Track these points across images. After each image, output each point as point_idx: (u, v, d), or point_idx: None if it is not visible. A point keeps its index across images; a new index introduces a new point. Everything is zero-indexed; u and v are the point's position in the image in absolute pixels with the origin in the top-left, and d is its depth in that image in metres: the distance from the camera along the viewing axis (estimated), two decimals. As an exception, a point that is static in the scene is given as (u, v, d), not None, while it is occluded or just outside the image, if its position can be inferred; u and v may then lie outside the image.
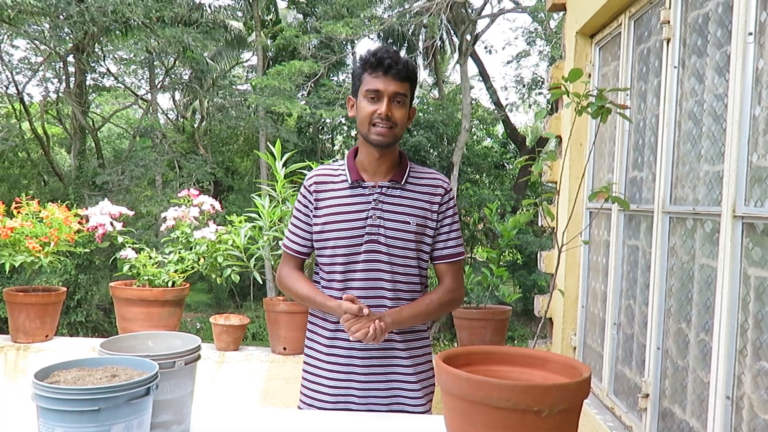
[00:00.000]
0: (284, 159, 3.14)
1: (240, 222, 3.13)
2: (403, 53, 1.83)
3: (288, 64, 12.46)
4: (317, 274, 1.87)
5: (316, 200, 1.83)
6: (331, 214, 1.80)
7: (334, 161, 2.13)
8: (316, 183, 1.84)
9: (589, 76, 3.06)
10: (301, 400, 1.87)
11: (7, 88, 13.65)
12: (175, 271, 3.05)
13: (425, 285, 1.88)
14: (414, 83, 1.80)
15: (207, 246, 3.04)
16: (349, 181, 1.81)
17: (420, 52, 16.36)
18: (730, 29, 1.82)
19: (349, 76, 17.91)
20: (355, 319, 1.68)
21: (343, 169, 1.84)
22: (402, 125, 1.77)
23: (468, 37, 15.38)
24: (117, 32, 13.27)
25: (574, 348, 3.14)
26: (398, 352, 1.80)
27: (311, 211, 1.84)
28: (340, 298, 1.76)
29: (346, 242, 1.76)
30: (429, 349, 1.89)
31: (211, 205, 3.27)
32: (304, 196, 1.86)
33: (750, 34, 1.73)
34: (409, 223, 1.78)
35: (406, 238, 1.78)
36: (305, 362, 1.89)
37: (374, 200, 1.78)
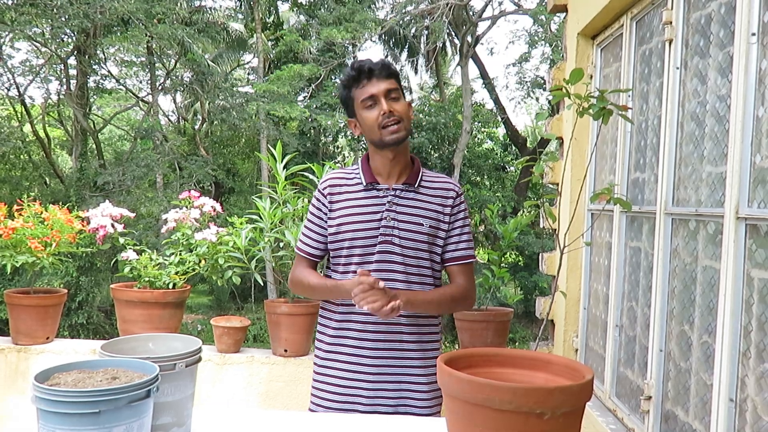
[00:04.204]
0: (285, 161, 3.14)
1: (241, 223, 3.13)
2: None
3: (288, 68, 12.47)
4: (329, 277, 1.87)
5: (331, 203, 1.85)
6: (346, 216, 1.82)
7: (335, 163, 2.16)
8: (330, 186, 1.87)
9: (591, 77, 3.05)
10: (311, 401, 1.88)
11: (8, 90, 13.68)
12: (176, 273, 3.04)
13: (439, 288, 1.88)
14: (398, 78, 1.84)
15: (208, 248, 3.03)
16: (364, 184, 1.83)
17: (422, 55, 16.38)
18: (733, 30, 1.82)
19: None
20: (370, 291, 1.63)
21: (357, 173, 1.86)
22: (407, 118, 1.81)
23: (469, 39, 15.40)
24: (117, 33, 13.29)
25: (576, 350, 3.13)
26: (410, 353, 1.81)
27: (325, 214, 1.86)
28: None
29: (361, 243, 1.78)
30: (439, 353, 1.87)
31: (212, 206, 3.27)
32: (318, 200, 1.88)
33: (753, 34, 1.72)
34: (422, 224, 1.80)
35: (420, 240, 1.80)
36: (314, 362, 1.90)
37: (388, 202, 1.80)
